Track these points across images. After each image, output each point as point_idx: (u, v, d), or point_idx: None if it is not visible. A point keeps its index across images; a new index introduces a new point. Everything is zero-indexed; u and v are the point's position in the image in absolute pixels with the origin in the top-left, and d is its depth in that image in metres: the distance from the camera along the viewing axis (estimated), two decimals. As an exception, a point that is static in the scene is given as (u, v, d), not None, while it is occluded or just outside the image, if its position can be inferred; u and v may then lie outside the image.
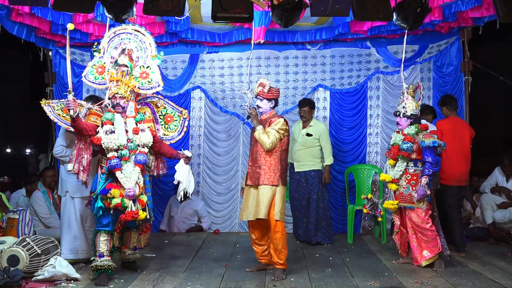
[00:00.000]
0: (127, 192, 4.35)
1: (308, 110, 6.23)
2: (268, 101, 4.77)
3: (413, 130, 4.89)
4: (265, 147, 4.64)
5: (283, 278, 4.58)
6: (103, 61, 4.77)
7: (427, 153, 4.81)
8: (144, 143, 4.51)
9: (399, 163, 4.92)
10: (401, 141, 4.89)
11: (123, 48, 4.76)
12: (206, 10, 5.32)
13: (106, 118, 4.47)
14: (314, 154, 6.19)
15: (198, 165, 7.13)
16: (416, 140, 4.86)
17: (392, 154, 4.97)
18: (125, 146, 4.45)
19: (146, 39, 4.81)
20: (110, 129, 4.43)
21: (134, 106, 4.63)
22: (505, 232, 6.04)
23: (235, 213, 7.09)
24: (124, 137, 4.46)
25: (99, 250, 4.48)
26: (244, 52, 6.88)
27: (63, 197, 5.23)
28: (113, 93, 4.52)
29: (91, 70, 4.77)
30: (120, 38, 4.79)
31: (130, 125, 4.54)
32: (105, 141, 4.38)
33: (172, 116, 5.08)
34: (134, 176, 4.42)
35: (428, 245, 4.86)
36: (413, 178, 4.88)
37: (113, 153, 4.40)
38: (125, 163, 4.42)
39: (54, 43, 6.78)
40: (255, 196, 4.67)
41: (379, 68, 6.95)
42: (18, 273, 4.31)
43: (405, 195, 4.91)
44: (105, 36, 4.81)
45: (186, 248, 5.85)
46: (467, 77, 6.69)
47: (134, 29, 4.81)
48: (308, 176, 6.16)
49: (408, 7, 4.27)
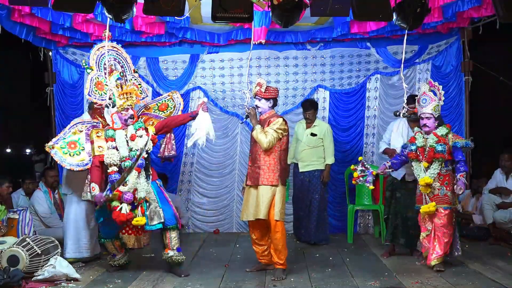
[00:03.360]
0: (124, 196, 4.48)
1: (313, 112, 6.25)
2: (266, 100, 4.77)
3: (444, 131, 4.87)
4: (263, 146, 4.64)
5: (283, 278, 4.59)
6: (99, 78, 4.86)
7: (460, 152, 4.82)
8: (141, 147, 4.59)
9: (434, 165, 4.83)
10: (435, 143, 4.82)
11: (111, 64, 4.87)
12: (206, 10, 5.32)
13: (108, 135, 4.68)
14: (318, 153, 6.21)
15: (191, 164, 7.12)
16: (446, 141, 4.84)
17: (428, 157, 4.85)
18: (127, 158, 4.60)
19: (124, 55, 4.99)
20: (112, 145, 4.64)
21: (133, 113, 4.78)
22: (505, 232, 6.04)
23: (232, 212, 7.09)
24: (125, 149, 4.64)
25: (110, 252, 4.83)
26: (244, 52, 6.88)
27: (69, 195, 5.26)
28: (123, 106, 4.68)
29: (94, 88, 4.84)
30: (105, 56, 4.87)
31: (129, 133, 4.70)
32: (105, 157, 4.62)
33: (164, 102, 5.17)
34: (131, 180, 4.53)
35: (442, 244, 4.83)
36: (445, 179, 4.84)
37: (113, 168, 4.59)
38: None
39: (54, 43, 6.79)
40: (255, 196, 4.68)
41: (379, 68, 6.95)
42: (18, 273, 4.32)
43: (440, 196, 4.85)
44: (92, 53, 4.90)
45: (186, 248, 5.84)
46: (467, 77, 6.70)
47: (113, 46, 4.94)
48: (312, 176, 6.18)
49: (408, 7, 4.26)
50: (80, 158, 4.83)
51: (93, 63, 4.85)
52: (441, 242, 4.84)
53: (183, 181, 7.14)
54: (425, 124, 4.88)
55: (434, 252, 4.86)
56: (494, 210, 6.15)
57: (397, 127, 5.49)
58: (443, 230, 4.84)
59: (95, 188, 4.57)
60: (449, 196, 4.84)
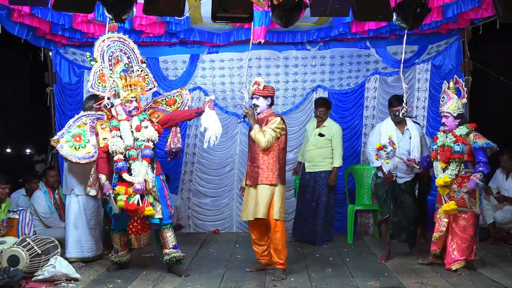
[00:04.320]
0: (135, 186, 4.47)
1: (325, 111, 6.19)
2: (264, 98, 4.77)
3: (464, 130, 4.70)
4: (261, 146, 4.64)
5: (283, 278, 4.59)
6: (103, 69, 4.85)
7: (481, 153, 4.61)
8: (148, 137, 4.63)
9: (452, 166, 4.69)
10: (453, 143, 4.70)
11: (117, 56, 4.87)
12: (206, 10, 5.33)
13: (112, 125, 4.68)
14: (325, 154, 6.13)
15: (192, 163, 7.13)
16: (467, 141, 4.69)
17: (444, 157, 4.72)
18: (132, 147, 4.60)
19: (131, 45, 4.98)
20: (117, 134, 4.63)
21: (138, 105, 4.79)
22: (505, 232, 6.04)
23: (230, 211, 7.08)
24: (130, 139, 4.63)
25: (114, 247, 4.88)
26: (244, 52, 6.86)
27: (68, 195, 5.26)
28: (127, 98, 4.69)
29: (98, 80, 4.84)
30: (111, 47, 4.87)
31: (134, 124, 4.69)
32: (110, 145, 4.60)
33: (172, 97, 5.21)
34: (142, 171, 4.54)
35: (460, 248, 4.72)
36: (464, 181, 4.69)
37: (119, 156, 4.58)
38: (133, 162, 4.57)
39: (54, 43, 6.79)
40: (254, 196, 4.68)
41: (378, 68, 6.95)
42: (18, 273, 4.32)
43: (456, 198, 4.71)
44: (96, 45, 4.89)
45: (186, 248, 5.83)
46: (467, 77, 6.69)
47: (119, 37, 4.93)
48: (318, 177, 6.13)
49: (408, 7, 4.26)
50: (86, 151, 4.84)
51: (97, 55, 4.84)
52: (460, 247, 4.71)
53: (184, 181, 7.15)
54: (444, 123, 4.80)
55: (453, 256, 4.74)
56: (494, 211, 6.16)
57: (386, 130, 5.33)
58: (460, 234, 4.72)
59: (102, 178, 4.61)
60: (466, 199, 4.69)
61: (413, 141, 5.21)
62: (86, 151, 4.83)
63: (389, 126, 5.35)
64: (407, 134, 5.26)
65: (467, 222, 4.72)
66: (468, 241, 4.72)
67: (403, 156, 5.13)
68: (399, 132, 5.26)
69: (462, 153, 4.67)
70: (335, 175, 6.14)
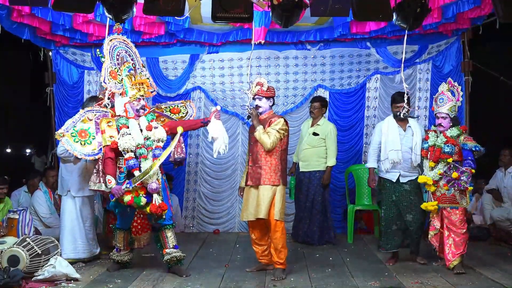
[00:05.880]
0: (151, 185, 4.44)
1: (318, 107, 6.17)
2: (267, 99, 4.77)
3: (455, 132, 4.85)
4: (266, 147, 4.64)
5: (283, 278, 4.59)
6: (113, 66, 4.82)
7: (470, 154, 4.77)
8: (159, 138, 4.63)
9: (440, 165, 4.84)
10: (443, 143, 4.83)
11: (122, 56, 4.84)
12: (206, 10, 5.33)
13: (121, 123, 4.62)
14: (319, 154, 6.12)
15: (195, 164, 7.13)
16: (457, 142, 4.83)
17: (434, 157, 4.87)
18: (142, 145, 4.56)
19: (134, 49, 4.96)
20: (126, 132, 4.57)
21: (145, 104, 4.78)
22: (505, 232, 6.04)
23: (233, 212, 7.09)
24: (140, 137, 4.59)
25: (116, 245, 4.85)
26: (244, 52, 6.88)
27: (64, 196, 5.25)
28: (136, 96, 4.66)
29: (108, 76, 4.77)
30: (117, 47, 4.84)
31: (143, 124, 4.67)
32: (121, 143, 4.52)
33: (176, 107, 5.19)
34: (154, 170, 4.48)
35: (456, 243, 4.82)
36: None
37: (130, 154, 4.52)
38: (144, 161, 4.53)
39: (54, 43, 6.79)
40: (255, 196, 4.68)
41: (379, 68, 6.95)
42: (18, 273, 4.32)
43: (447, 196, 4.85)
44: (105, 43, 4.84)
45: (186, 248, 5.84)
46: (467, 77, 6.69)
47: (124, 39, 4.90)
48: (313, 177, 6.12)
49: (408, 7, 4.27)
50: (92, 148, 4.67)
51: (106, 53, 4.80)
52: (455, 242, 4.82)
53: (189, 181, 7.15)
54: (440, 123, 4.90)
55: (450, 252, 4.83)
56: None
57: (387, 128, 5.26)
58: (453, 229, 4.83)
59: (111, 180, 4.47)
60: (457, 196, 4.82)
61: (415, 138, 5.20)
62: (92, 148, 4.67)
63: (391, 124, 5.33)
64: (409, 131, 5.25)
65: (459, 217, 4.84)
66: (462, 235, 4.83)
67: (406, 153, 5.11)
68: (401, 129, 5.23)
69: (451, 154, 4.81)
70: (328, 174, 6.13)
